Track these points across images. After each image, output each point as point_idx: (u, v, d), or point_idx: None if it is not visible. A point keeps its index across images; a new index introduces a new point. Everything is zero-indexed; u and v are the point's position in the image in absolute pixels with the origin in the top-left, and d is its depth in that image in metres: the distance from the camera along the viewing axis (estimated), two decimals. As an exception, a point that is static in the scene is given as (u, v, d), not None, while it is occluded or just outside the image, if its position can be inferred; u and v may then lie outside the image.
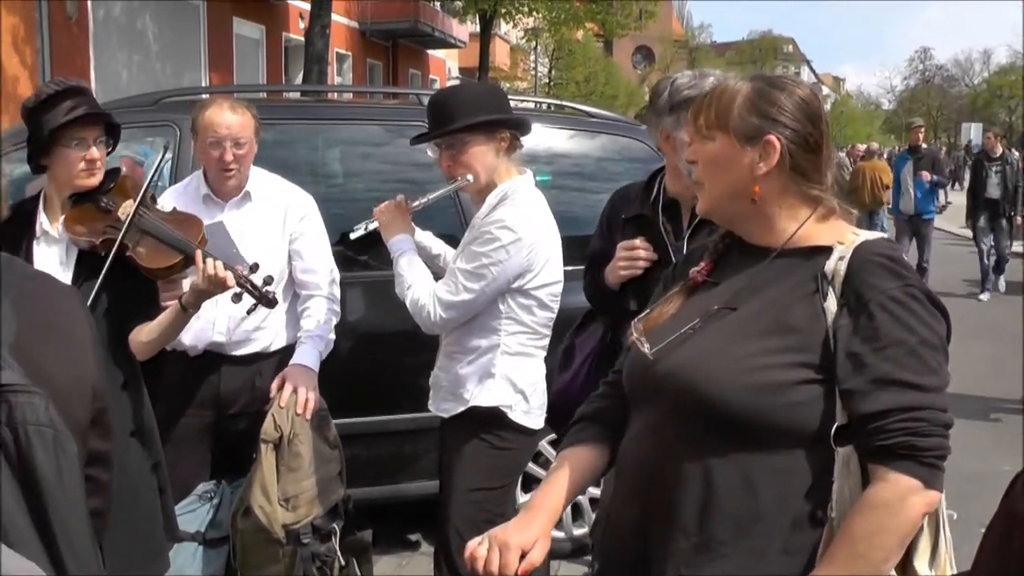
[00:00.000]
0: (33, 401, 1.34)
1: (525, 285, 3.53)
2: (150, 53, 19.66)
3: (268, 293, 3.54)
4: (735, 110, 2.04)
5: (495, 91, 3.98)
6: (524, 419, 3.61)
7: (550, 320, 3.66)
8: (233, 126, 3.88)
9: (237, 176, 3.99)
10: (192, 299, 3.36)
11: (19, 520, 1.30)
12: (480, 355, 3.59)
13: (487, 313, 3.56)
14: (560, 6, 30.45)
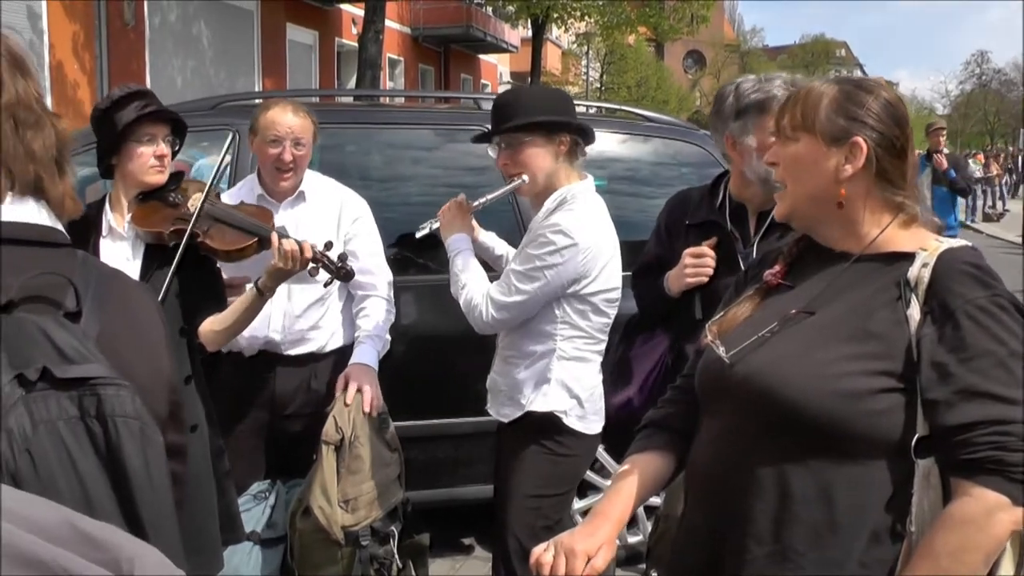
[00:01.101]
0: (121, 394, 1.34)
1: (581, 290, 3.49)
2: (204, 58, 19.89)
3: (346, 266, 3.57)
4: (822, 111, 2.00)
5: (559, 95, 3.92)
6: (579, 424, 3.57)
7: (606, 326, 3.62)
8: (294, 127, 3.92)
9: (293, 177, 4.02)
10: (269, 281, 3.43)
11: (110, 511, 1.31)
12: (536, 360, 3.57)
13: (543, 318, 3.54)
14: (612, 10, 30.43)
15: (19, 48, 1.56)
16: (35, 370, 1.29)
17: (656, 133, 5.75)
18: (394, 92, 20.35)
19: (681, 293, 3.46)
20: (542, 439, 3.58)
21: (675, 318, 3.58)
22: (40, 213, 1.53)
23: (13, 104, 1.50)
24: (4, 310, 1.36)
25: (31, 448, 1.27)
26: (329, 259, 3.53)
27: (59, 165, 1.58)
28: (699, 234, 3.45)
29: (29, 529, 1.15)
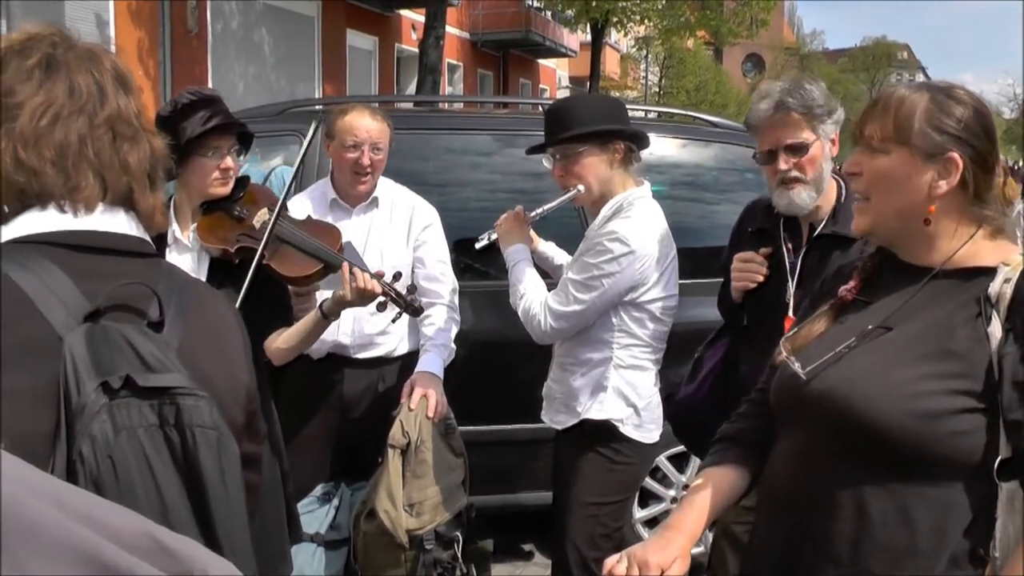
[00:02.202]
0: (199, 404, 1.38)
1: (638, 298, 3.49)
2: (265, 64, 20.08)
3: (414, 301, 3.56)
4: (916, 123, 1.92)
5: (612, 102, 3.93)
6: (636, 433, 3.57)
7: (664, 334, 3.62)
8: (373, 131, 3.93)
9: (370, 181, 4.03)
10: (334, 307, 3.43)
11: (185, 519, 1.34)
12: (593, 368, 3.57)
13: (600, 326, 3.54)
14: (672, 14, 30.29)
15: (123, 65, 1.61)
16: (118, 378, 1.33)
17: (717, 138, 5.71)
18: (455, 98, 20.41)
19: (741, 298, 3.47)
20: (598, 447, 3.58)
21: (736, 323, 3.61)
22: (129, 224, 1.57)
23: (114, 117, 1.55)
24: (91, 318, 1.39)
25: (113, 454, 1.30)
26: (398, 293, 3.51)
27: (151, 180, 1.62)
28: (755, 241, 3.45)
29: (108, 536, 1.17)
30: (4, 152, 1.48)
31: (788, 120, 3.19)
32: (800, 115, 3.18)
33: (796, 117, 3.18)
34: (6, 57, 1.53)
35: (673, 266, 3.57)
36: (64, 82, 1.53)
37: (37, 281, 1.41)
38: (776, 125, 3.22)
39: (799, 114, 3.18)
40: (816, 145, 3.21)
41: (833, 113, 3.23)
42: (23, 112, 1.49)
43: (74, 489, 1.23)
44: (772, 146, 3.25)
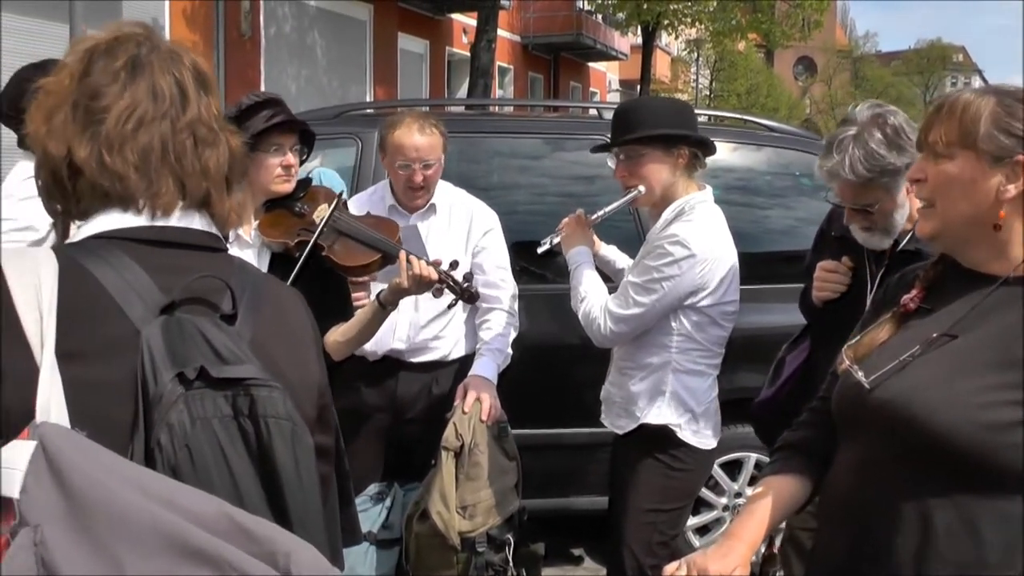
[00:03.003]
0: (273, 395, 1.40)
1: (698, 303, 3.45)
2: (318, 67, 20.23)
3: (470, 288, 3.57)
4: (982, 127, 1.87)
5: (680, 107, 3.88)
6: (693, 439, 3.55)
7: (723, 339, 3.60)
8: (422, 148, 3.89)
9: (424, 196, 4.04)
10: (391, 296, 3.43)
11: (260, 508, 1.36)
12: (652, 372, 3.55)
13: (659, 330, 3.52)
14: (723, 16, 30.16)
15: (204, 64, 1.65)
16: (193, 369, 1.36)
17: (770, 142, 5.67)
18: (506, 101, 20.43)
19: (822, 304, 3.41)
20: (657, 452, 3.56)
21: (815, 327, 3.57)
22: (203, 224, 1.61)
23: (195, 122, 1.58)
24: (166, 311, 1.43)
25: (189, 443, 1.33)
26: (455, 280, 3.52)
27: (229, 183, 1.65)
28: (837, 247, 3.39)
29: (189, 519, 1.21)
30: (90, 156, 1.51)
31: (856, 184, 3.08)
32: (869, 181, 3.05)
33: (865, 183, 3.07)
34: (94, 57, 1.56)
35: (734, 271, 3.53)
36: (148, 84, 1.56)
37: (116, 276, 1.44)
38: (846, 184, 3.10)
39: (868, 180, 3.05)
40: (887, 202, 3.10)
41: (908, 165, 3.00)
42: (109, 116, 1.52)
43: (154, 475, 1.28)
44: (841, 196, 3.17)
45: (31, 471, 1.22)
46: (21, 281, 1.39)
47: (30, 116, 1.58)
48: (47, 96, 1.57)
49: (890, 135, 3.03)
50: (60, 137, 1.53)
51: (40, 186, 1.59)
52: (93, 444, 1.27)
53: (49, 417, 1.30)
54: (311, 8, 19.88)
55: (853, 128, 3.08)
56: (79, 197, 1.55)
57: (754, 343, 4.67)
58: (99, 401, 1.37)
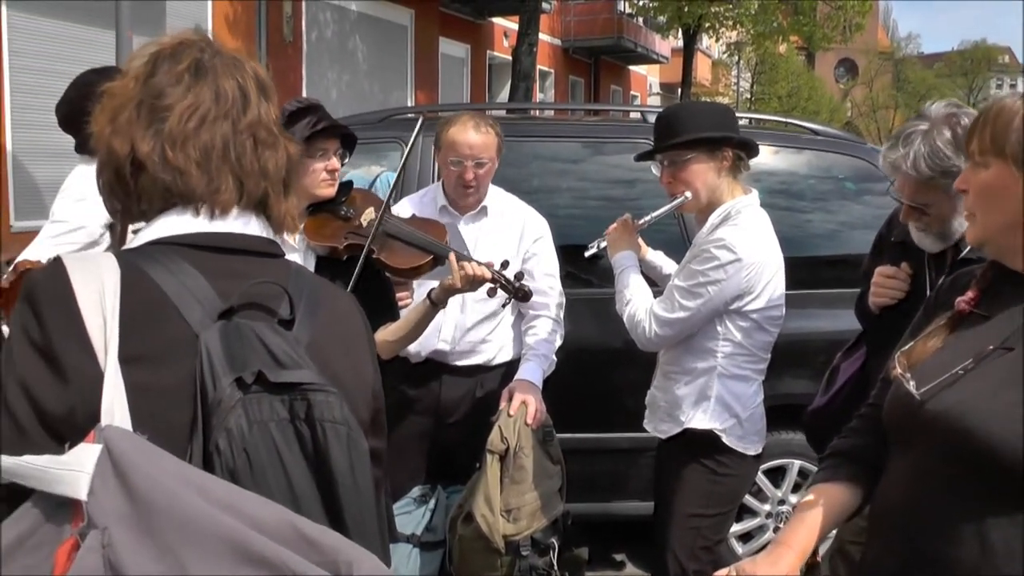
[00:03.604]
0: (329, 399, 1.42)
1: (744, 307, 3.44)
2: (359, 72, 20.28)
3: (523, 287, 3.58)
4: (1012, 134, 1.84)
5: (721, 109, 3.83)
6: (738, 444, 3.53)
7: (768, 344, 3.58)
8: (476, 146, 3.92)
9: (475, 194, 4.05)
10: (443, 295, 3.47)
11: (316, 512, 1.38)
12: (697, 376, 3.54)
13: (705, 334, 3.51)
14: (764, 19, 29.98)
15: (265, 74, 1.69)
16: (251, 373, 1.38)
17: (812, 145, 5.61)
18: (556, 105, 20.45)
19: (879, 310, 3.35)
20: (701, 457, 3.54)
21: (871, 334, 3.51)
22: (260, 227, 1.64)
23: (255, 123, 1.62)
24: (225, 316, 1.45)
25: (247, 447, 1.35)
26: (507, 279, 3.54)
27: (286, 186, 1.68)
28: (897, 252, 3.34)
29: (252, 526, 1.23)
30: (152, 151, 1.55)
31: (917, 181, 3.03)
32: (930, 179, 2.99)
33: (927, 182, 3.01)
34: (158, 61, 1.60)
35: (780, 276, 3.52)
36: (211, 86, 1.60)
37: (175, 281, 1.47)
38: (906, 179, 3.06)
39: (929, 178, 2.99)
40: (944, 205, 3.04)
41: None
42: (172, 114, 1.56)
43: (216, 480, 1.30)
44: (900, 192, 3.12)
45: (98, 474, 1.25)
46: (86, 287, 1.42)
47: (95, 117, 1.61)
48: (112, 98, 1.61)
49: (960, 136, 2.92)
50: (124, 134, 1.57)
51: (102, 185, 1.63)
52: (155, 447, 1.30)
53: (113, 420, 1.33)
54: (353, 13, 19.95)
55: (924, 124, 3.03)
56: (140, 193, 1.58)
57: (797, 349, 4.65)
58: (159, 404, 1.40)
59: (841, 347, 3.70)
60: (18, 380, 1.38)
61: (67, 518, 1.27)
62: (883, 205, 5.31)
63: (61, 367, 1.38)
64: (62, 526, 1.27)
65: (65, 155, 3.99)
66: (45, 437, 1.36)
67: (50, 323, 1.40)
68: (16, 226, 11.53)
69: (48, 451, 1.32)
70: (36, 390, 1.37)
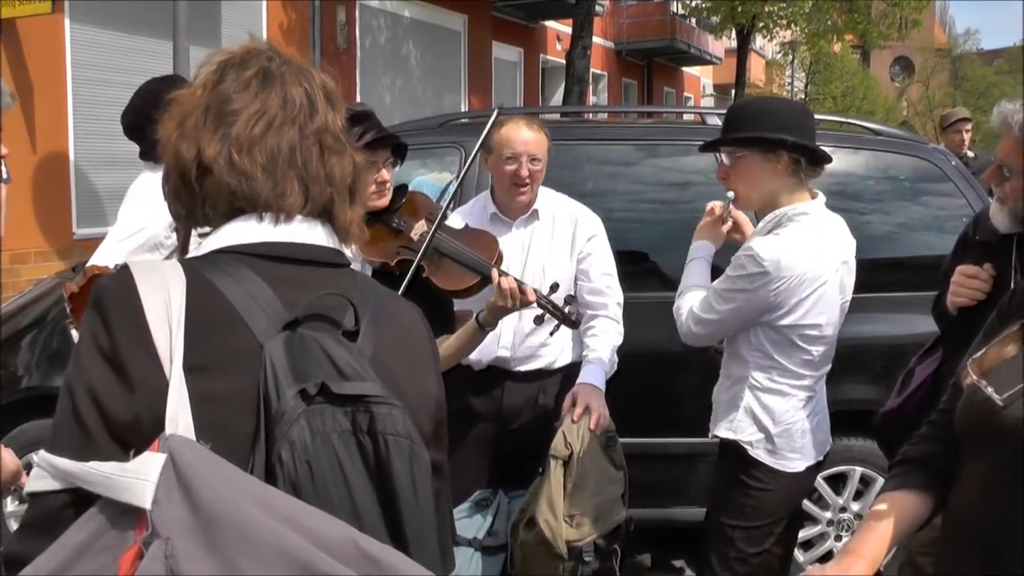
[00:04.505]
0: (393, 412, 1.41)
1: (775, 321, 3.32)
2: (412, 78, 20.37)
3: (571, 314, 3.55)
4: None
5: (790, 110, 3.57)
6: (769, 459, 3.42)
7: (807, 362, 3.39)
8: (530, 142, 3.92)
9: (529, 193, 4.02)
10: (489, 317, 3.43)
11: (376, 525, 1.38)
12: (733, 384, 3.49)
13: (742, 342, 3.45)
14: (819, 17, 29.70)
15: (333, 84, 1.69)
16: (314, 385, 1.38)
17: (869, 145, 5.51)
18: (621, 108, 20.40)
19: (957, 311, 3.26)
20: (736, 466, 3.48)
21: (948, 336, 3.42)
22: (325, 236, 1.63)
23: (322, 130, 1.62)
24: (289, 327, 1.45)
25: (310, 459, 1.35)
26: (554, 304, 3.51)
27: (352, 194, 1.68)
28: (979, 252, 3.25)
29: (315, 542, 1.22)
30: (219, 155, 1.56)
31: (1016, 142, 2.91)
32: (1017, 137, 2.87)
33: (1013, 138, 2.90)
34: (226, 68, 1.62)
35: (822, 292, 3.31)
36: (278, 93, 1.60)
37: (241, 290, 1.48)
38: (1008, 135, 2.94)
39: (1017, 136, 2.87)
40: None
41: None
42: (239, 119, 1.57)
43: (279, 493, 1.29)
44: (999, 151, 3.01)
45: (162, 483, 1.26)
46: (153, 295, 1.43)
47: (163, 123, 1.63)
48: (180, 104, 1.62)
49: None
50: (191, 139, 1.58)
51: (168, 190, 1.64)
52: (218, 458, 1.31)
53: (177, 429, 1.34)
54: (406, 19, 20.04)
55: None
56: (205, 197, 1.59)
57: (856, 354, 4.59)
58: (222, 414, 1.40)
59: (901, 352, 3.65)
60: (86, 386, 1.40)
61: (131, 525, 1.28)
62: (944, 206, 5.30)
63: (127, 375, 1.39)
64: (126, 533, 1.28)
65: (125, 163, 4.05)
66: (111, 444, 1.37)
67: (118, 331, 1.41)
68: (79, 233, 11.75)
69: (114, 458, 1.33)
70: (103, 397, 1.39)
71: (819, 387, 3.52)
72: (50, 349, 5.20)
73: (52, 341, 5.20)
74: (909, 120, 56.31)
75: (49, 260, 11.14)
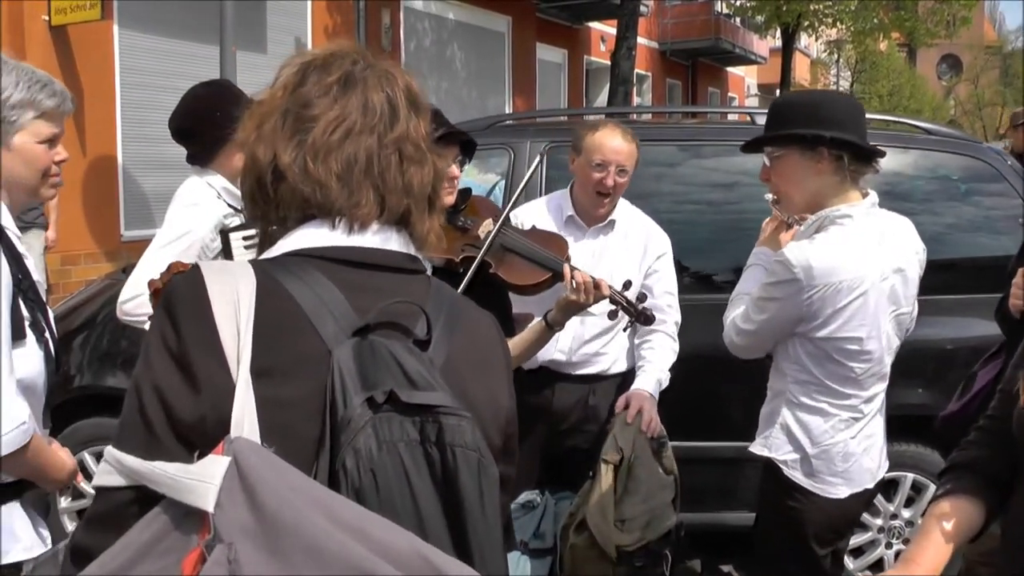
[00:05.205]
0: (462, 424, 1.38)
1: (810, 333, 3.12)
2: (457, 79, 20.42)
3: (645, 310, 3.51)
4: None
5: (831, 102, 3.28)
6: (807, 481, 3.22)
7: (849, 379, 3.18)
8: (621, 152, 3.90)
9: (609, 203, 4.00)
10: (559, 315, 3.37)
11: (441, 538, 1.35)
12: (773, 398, 3.34)
13: (781, 354, 3.26)
14: (865, 15, 29.41)
15: (417, 88, 1.66)
16: (382, 393, 1.35)
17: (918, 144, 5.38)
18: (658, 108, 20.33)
19: (1020, 315, 3.15)
20: (773, 486, 3.32)
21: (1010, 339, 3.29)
22: (401, 244, 1.61)
23: (402, 139, 1.59)
24: (359, 333, 1.43)
25: (375, 468, 1.32)
26: (628, 301, 3.47)
27: (431, 203, 1.66)
28: None
29: (381, 554, 1.20)
30: (294, 161, 1.53)
31: None
32: None
33: None
34: (308, 71, 1.60)
35: (862, 302, 3.08)
36: (359, 99, 1.57)
37: (311, 294, 1.46)
38: None
39: None
40: None
41: None
42: (317, 124, 1.54)
43: (344, 501, 1.28)
44: None
45: (225, 487, 1.25)
46: (222, 296, 1.42)
47: (242, 125, 1.62)
48: (260, 105, 1.61)
49: None
50: (268, 142, 1.56)
51: (244, 191, 1.63)
52: (283, 462, 1.29)
53: (242, 432, 1.33)
54: (450, 21, 20.10)
55: None
56: (279, 202, 1.57)
57: (906, 357, 4.50)
58: (287, 418, 1.39)
59: (952, 356, 3.56)
60: (153, 386, 1.39)
61: (195, 528, 1.28)
62: (995, 206, 5.21)
63: (194, 376, 1.38)
64: (189, 535, 1.28)
65: (172, 167, 4.08)
66: (176, 444, 1.37)
67: (185, 331, 1.40)
68: (126, 235, 11.94)
69: (178, 458, 1.33)
70: (170, 396, 1.38)
71: (870, 409, 3.28)
72: (101, 349, 5.27)
73: (103, 341, 5.28)
74: (957, 119, 55.70)
75: (98, 262, 11.30)
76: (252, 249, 3.47)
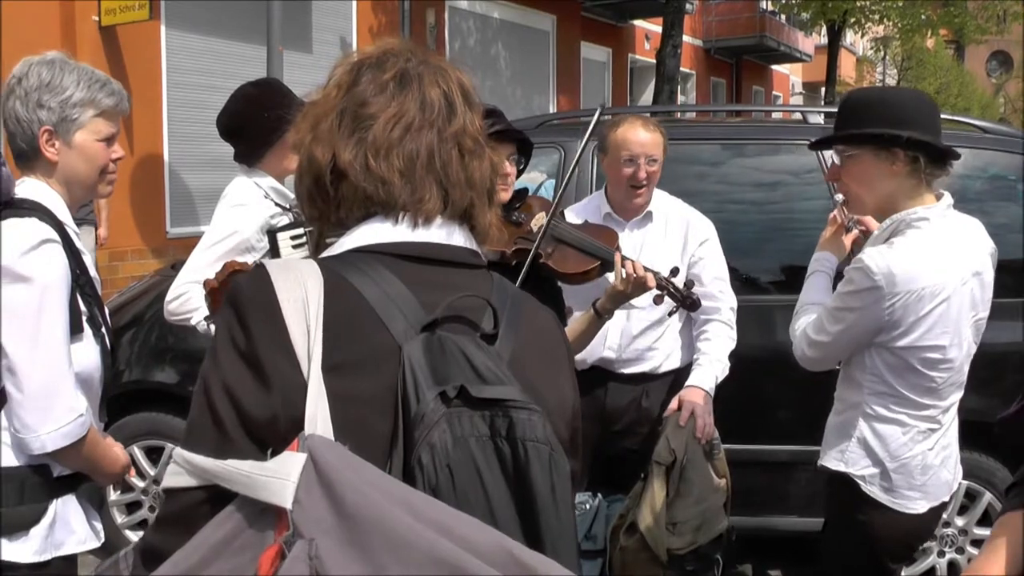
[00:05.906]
0: (532, 418, 1.37)
1: (891, 343, 2.99)
2: (501, 78, 20.42)
3: (691, 295, 3.51)
4: None
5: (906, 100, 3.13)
6: (884, 497, 3.10)
7: (929, 390, 3.06)
8: (647, 143, 3.88)
9: (645, 194, 3.99)
10: (608, 303, 3.39)
11: (513, 532, 1.33)
12: (846, 409, 3.19)
13: (856, 364, 3.13)
14: (912, 12, 29.05)
15: (470, 82, 1.65)
16: (453, 387, 1.34)
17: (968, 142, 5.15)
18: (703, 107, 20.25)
19: None
20: (847, 502, 3.18)
21: None
22: (464, 238, 1.61)
23: (460, 132, 1.59)
24: (428, 328, 1.42)
25: (451, 464, 1.31)
26: (675, 287, 3.47)
27: (490, 196, 1.65)
28: None
29: (467, 550, 1.19)
30: (355, 160, 1.53)
31: None
32: None
33: None
34: (362, 70, 1.59)
35: (944, 309, 2.95)
36: (416, 95, 1.57)
37: (378, 290, 1.45)
38: None
39: None
40: None
41: None
42: (376, 122, 1.54)
43: (423, 496, 1.27)
44: None
45: (302, 483, 1.24)
46: (290, 294, 1.41)
47: (296, 125, 1.62)
48: (314, 106, 1.61)
49: None
50: (326, 142, 1.56)
51: (301, 192, 1.62)
52: (359, 459, 1.28)
53: (316, 429, 1.32)
54: (495, 20, 20.11)
55: None
56: (340, 202, 1.57)
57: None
58: (360, 414, 1.38)
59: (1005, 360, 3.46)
60: (223, 385, 1.39)
61: (270, 525, 1.27)
62: (1050, 206, 5.12)
63: (264, 374, 1.38)
64: (265, 532, 1.27)
65: (217, 165, 4.09)
66: (248, 442, 1.36)
67: (254, 330, 1.40)
68: (172, 232, 12.10)
69: (251, 456, 1.33)
70: (240, 395, 1.38)
71: (947, 419, 3.17)
72: (150, 345, 5.35)
73: (152, 337, 5.35)
74: (1007, 117, 55.06)
75: (144, 258, 11.44)
76: (299, 249, 3.49)
